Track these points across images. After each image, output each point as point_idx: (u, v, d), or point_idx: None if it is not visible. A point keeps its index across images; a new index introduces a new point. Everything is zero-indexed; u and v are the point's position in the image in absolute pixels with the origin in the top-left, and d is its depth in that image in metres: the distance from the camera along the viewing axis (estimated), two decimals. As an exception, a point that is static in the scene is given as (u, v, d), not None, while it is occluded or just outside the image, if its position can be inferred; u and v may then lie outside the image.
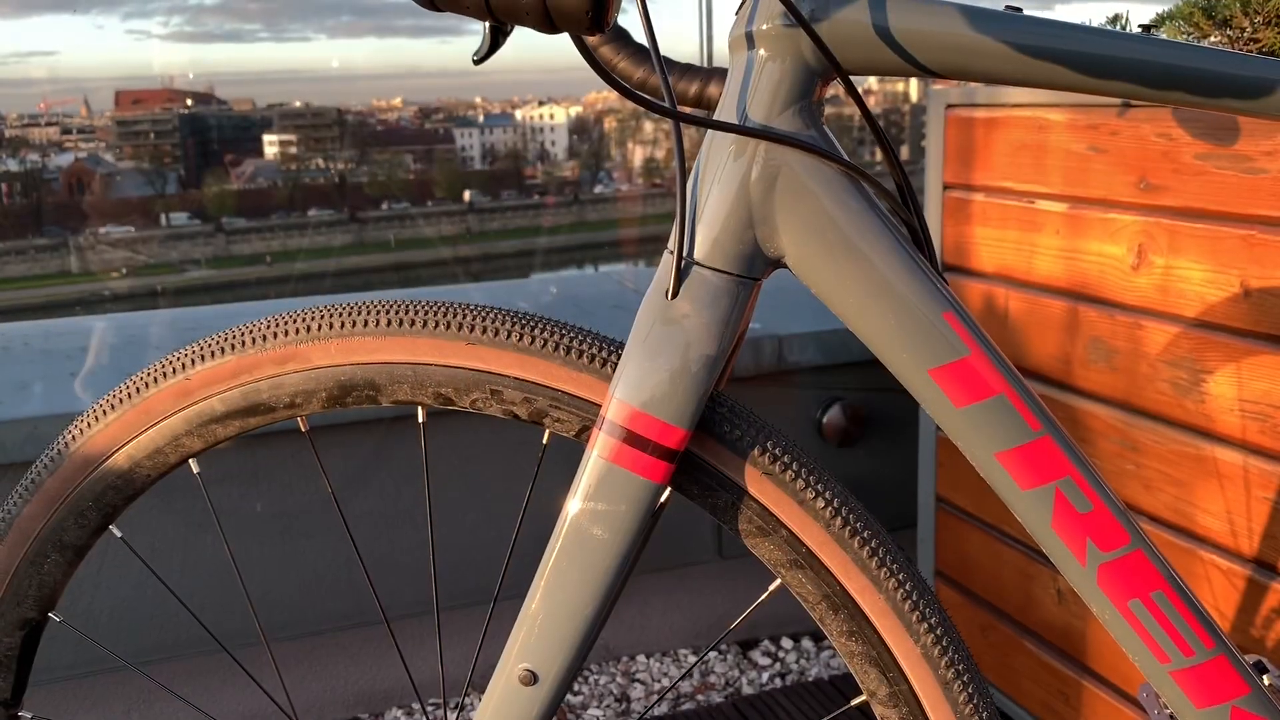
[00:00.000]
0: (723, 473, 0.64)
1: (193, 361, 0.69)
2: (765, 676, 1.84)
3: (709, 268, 0.61)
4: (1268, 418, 1.11)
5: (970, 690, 0.65)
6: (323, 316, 0.68)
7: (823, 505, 0.64)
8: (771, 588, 0.67)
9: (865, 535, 0.64)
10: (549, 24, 0.42)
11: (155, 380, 0.70)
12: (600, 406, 0.64)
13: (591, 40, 0.84)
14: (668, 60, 0.84)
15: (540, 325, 0.66)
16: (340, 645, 1.70)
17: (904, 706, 0.65)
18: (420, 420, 0.71)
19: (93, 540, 0.75)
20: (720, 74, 0.84)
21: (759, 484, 0.64)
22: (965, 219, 1.51)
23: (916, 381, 0.62)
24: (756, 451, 0.64)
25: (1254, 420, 1.13)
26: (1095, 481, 0.62)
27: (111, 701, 1.60)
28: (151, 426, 0.71)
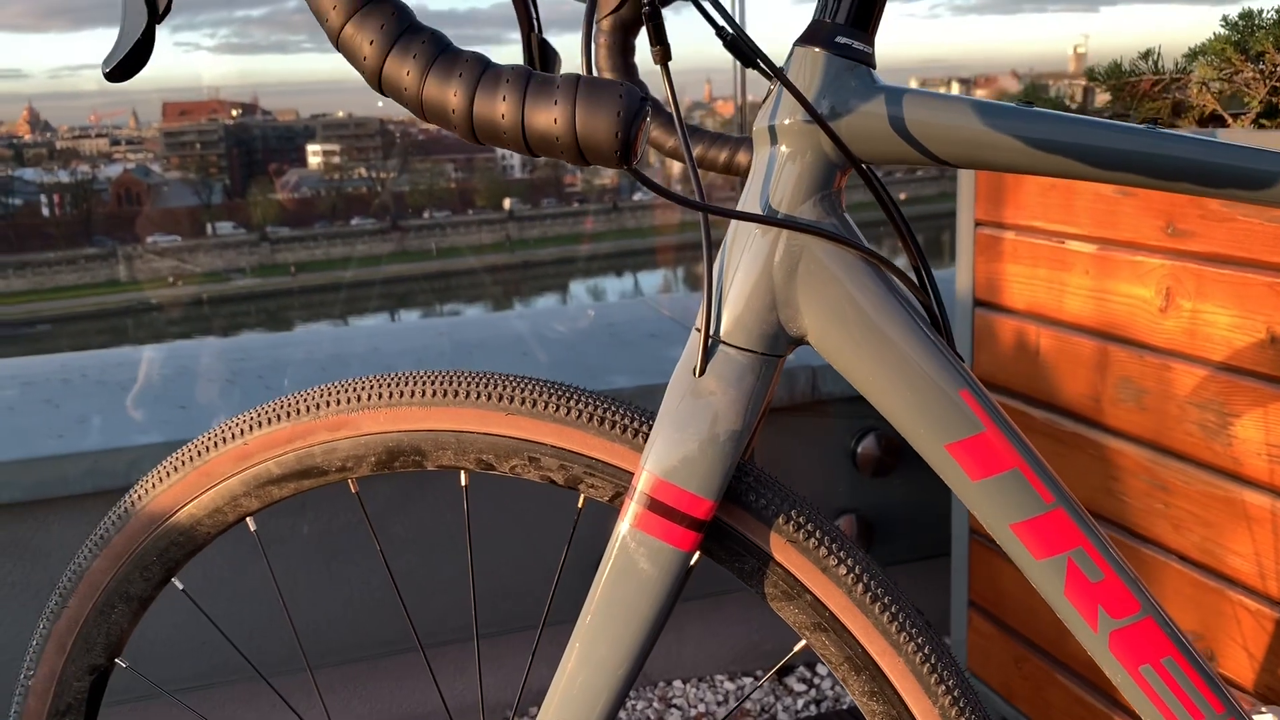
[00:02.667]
0: (749, 539, 0.68)
1: (251, 427, 0.74)
2: (800, 703, 1.86)
3: (734, 346, 0.65)
4: (1295, 463, 1.13)
5: (987, 750, 0.67)
6: (372, 387, 0.72)
7: (845, 572, 0.67)
8: (796, 648, 0.70)
9: (885, 601, 0.67)
10: (582, 160, 0.45)
11: (215, 445, 0.75)
12: (632, 474, 0.67)
13: None
14: (698, 130, 0.88)
15: (575, 396, 0.70)
16: (385, 670, 1.75)
17: (923, 764, 0.68)
18: (463, 484, 0.75)
19: (156, 592, 0.80)
20: (747, 142, 0.88)
21: (784, 551, 0.67)
22: (997, 256, 1.53)
23: (934, 455, 0.65)
24: (781, 520, 0.67)
25: (1281, 465, 1.14)
26: (1106, 551, 0.65)
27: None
28: (211, 488, 0.75)
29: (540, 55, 0.75)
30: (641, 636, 0.67)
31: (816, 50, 0.62)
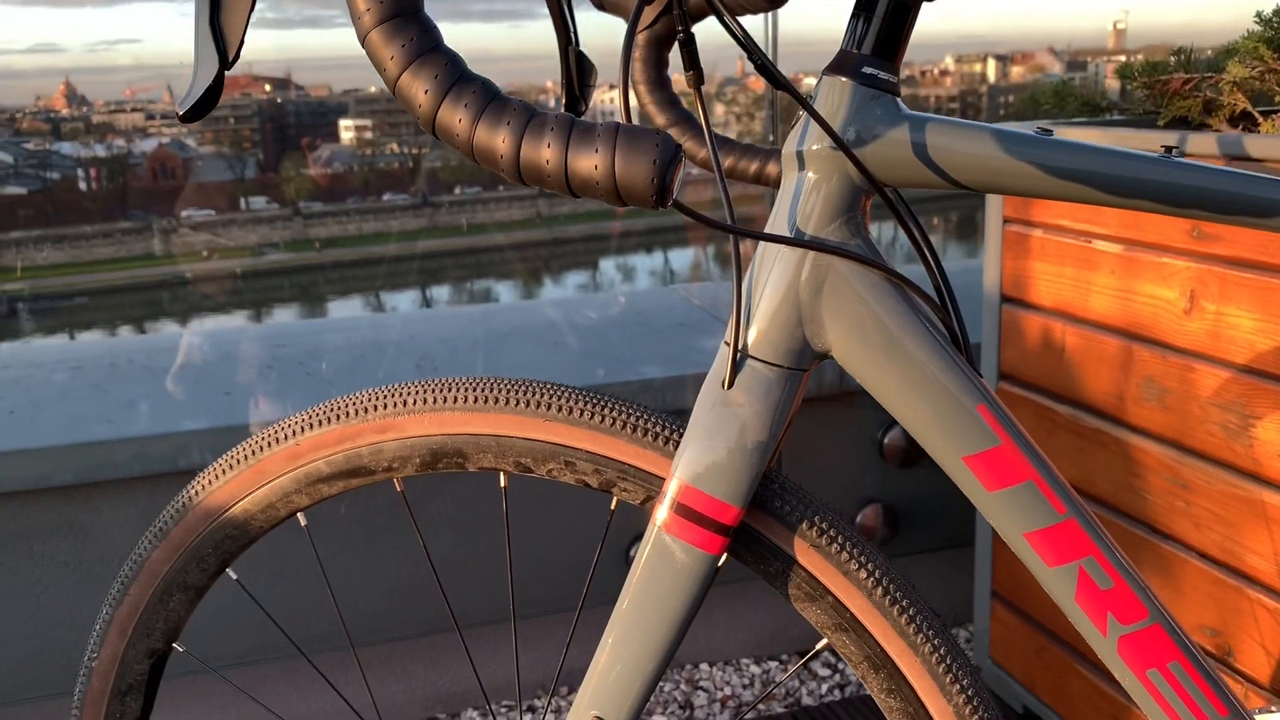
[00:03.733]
0: (774, 543, 0.71)
1: (302, 429, 0.78)
2: (825, 688, 1.90)
3: (761, 360, 0.68)
4: (1314, 465, 1.15)
5: (999, 746, 0.71)
6: (418, 392, 0.76)
7: (865, 575, 0.70)
8: (818, 647, 0.74)
9: (904, 604, 0.70)
10: (620, 201, 0.49)
11: (269, 444, 0.79)
12: (663, 480, 0.71)
13: (672, 132, 0.91)
14: (730, 142, 0.91)
15: (610, 405, 0.73)
16: (420, 649, 1.80)
17: (938, 758, 0.71)
18: (502, 485, 0.78)
19: (211, 581, 0.85)
20: (776, 154, 0.90)
21: (807, 554, 0.71)
22: (1025, 253, 1.55)
23: (952, 466, 0.68)
24: (805, 525, 0.70)
25: (1301, 467, 1.16)
26: (1116, 560, 0.67)
27: (209, 698, 1.72)
28: (265, 485, 0.80)
29: (578, 68, 0.78)
30: (671, 632, 0.70)
31: (844, 80, 0.65)
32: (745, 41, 0.63)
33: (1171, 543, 1.35)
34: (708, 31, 0.81)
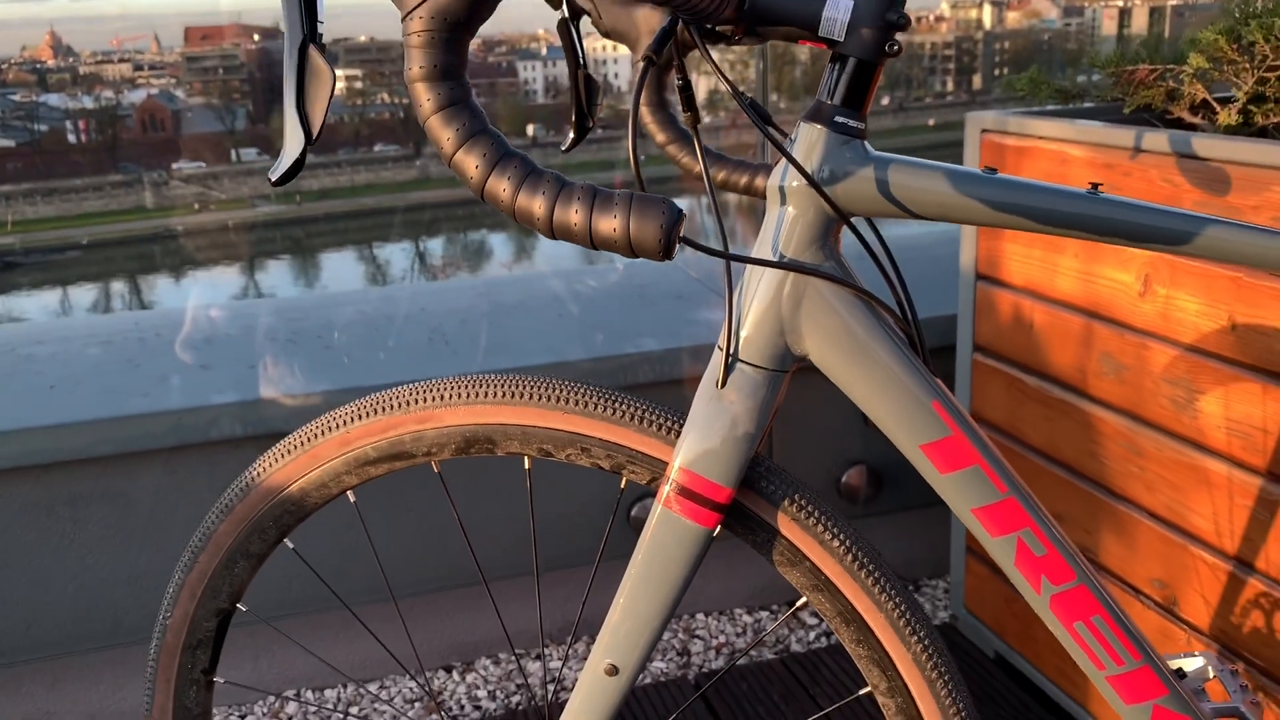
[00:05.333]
0: (761, 518, 0.83)
1: (353, 419, 0.89)
2: (813, 635, 2.04)
3: (749, 364, 0.80)
4: (1249, 436, 1.27)
5: (950, 687, 0.83)
6: (454, 388, 0.87)
7: (837, 544, 0.82)
8: (797, 604, 0.87)
9: (870, 568, 0.83)
10: (633, 254, 0.60)
11: (323, 432, 0.91)
12: (666, 464, 0.83)
13: (671, 151, 1.02)
14: (722, 158, 1.02)
15: (620, 400, 0.85)
16: (434, 604, 1.94)
17: (899, 697, 0.84)
18: (526, 467, 0.90)
19: (270, 550, 0.97)
20: (765, 168, 1.02)
21: (789, 527, 0.83)
22: (997, 234, 1.66)
23: (911, 452, 0.80)
24: (787, 502, 0.83)
25: (1238, 438, 1.29)
26: (1049, 531, 0.80)
27: (241, 650, 1.86)
28: (319, 467, 0.92)
29: (586, 89, 0.89)
30: (673, 593, 0.83)
31: (819, 127, 0.76)
32: (729, 84, 0.74)
33: (1126, 504, 1.48)
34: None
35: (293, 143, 0.61)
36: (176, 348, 1.92)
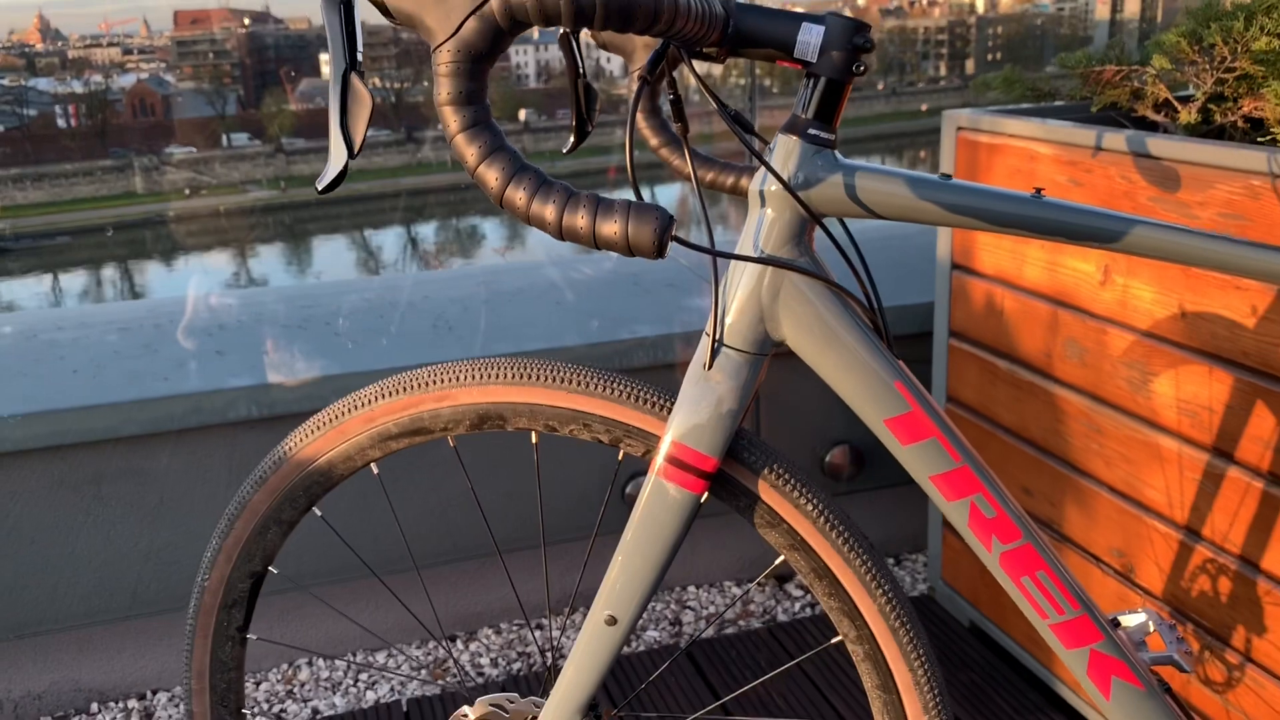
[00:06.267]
0: (743, 485, 0.93)
1: (377, 398, 0.99)
2: (798, 606, 2.15)
3: (733, 348, 0.90)
4: (1197, 415, 1.38)
5: (911, 634, 0.94)
6: (468, 370, 0.97)
7: (811, 508, 0.93)
8: (776, 562, 0.97)
9: (840, 528, 0.93)
10: (631, 253, 0.69)
11: (349, 410, 1.00)
12: (659, 437, 0.93)
13: (664, 154, 1.11)
14: (710, 160, 1.12)
15: (618, 380, 0.95)
16: (437, 578, 2.04)
17: (866, 644, 0.95)
18: (533, 441, 1.00)
19: (300, 517, 1.07)
20: (749, 170, 1.11)
21: (768, 493, 0.93)
22: (970, 226, 1.76)
23: (876, 426, 0.90)
24: (766, 470, 0.93)
25: (1187, 416, 1.39)
26: (999, 495, 0.90)
27: (270, 611, 1.96)
28: (345, 441, 1.01)
29: (585, 97, 0.98)
30: (665, 552, 0.93)
31: (794, 138, 0.85)
32: (713, 96, 0.84)
33: (1088, 479, 1.59)
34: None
35: (337, 156, 0.71)
36: (190, 334, 2.01)
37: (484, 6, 0.66)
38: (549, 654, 1.99)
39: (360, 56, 0.73)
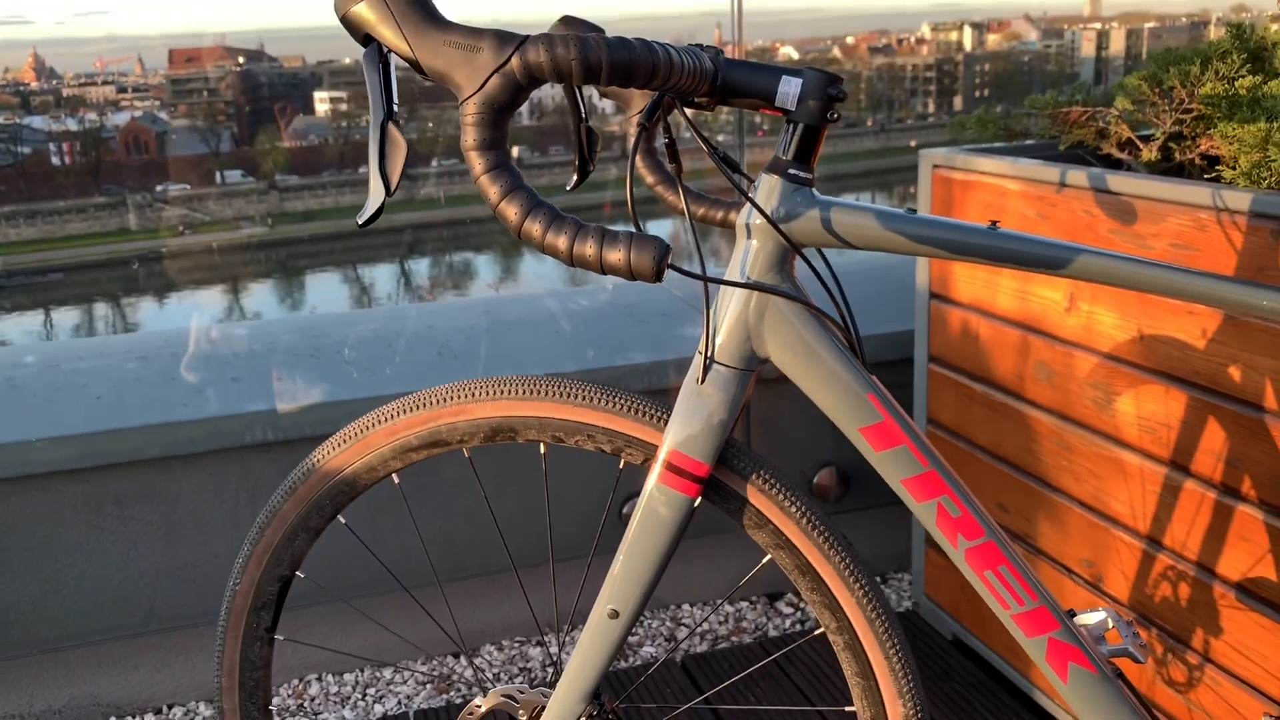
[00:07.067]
0: (733, 489, 1.03)
1: (400, 413, 1.09)
2: (788, 623, 2.24)
3: (723, 364, 1.00)
4: (1156, 431, 1.48)
5: (887, 624, 1.03)
6: (483, 387, 1.07)
7: (794, 510, 1.02)
8: (764, 560, 1.06)
9: (821, 528, 1.02)
10: (633, 278, 0.79)
11: (374, 425, 1.10)
12: (657, 446, 1.03)
13: (660, 191, 1.22)
14: (702, 196, 1.22)
15: (620, 395, 1.05)
16: (437, 596, 2.12)
17: (846, 634, 1.04)
18: (542, 452, 1.10)
19: (326, 524, 1.16)
20: (736, 205, 1.22)
21: (755, 496, 1.03)
22: (947, 258, 1.87)
23: (852, 434, 1.00)
24: (754, 476, 1.03)
25: (1147, 433, 1.50)
26: (964, 497, 1.00)
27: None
28: (370, 453, 1.11)
29: (587, 140, 1.09)
30: (664, 552, 1.03)
31: (776, 177, 0.96)
32: (704, 140, 0.94)
33: (1059, 494, 1.69)
34: (687, 5, 1.12)
35: (375, 194, 0.81)
36: (207, 363, 2.11)
37: (506, 66, 0.76)
38: (556, 647, 2.07)
39: (396, 106, 0.83)
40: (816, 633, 1.07)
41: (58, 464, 1.82)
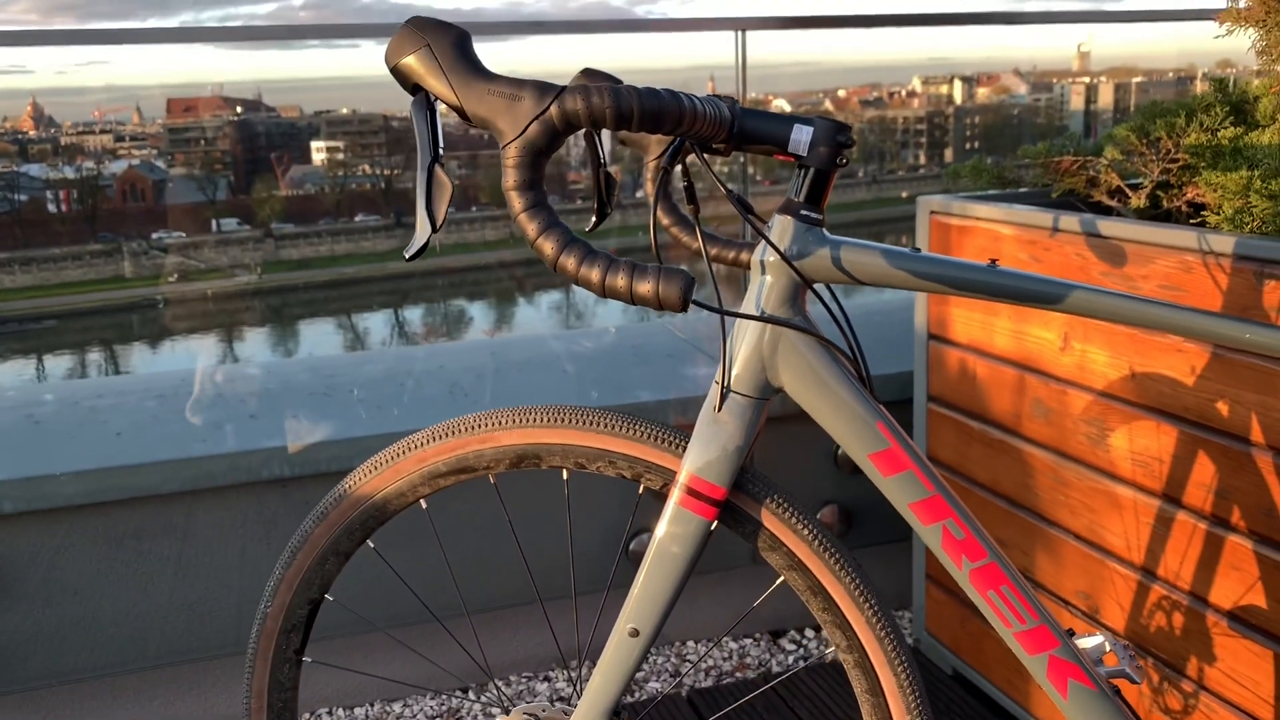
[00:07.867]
0: (748, 513, 1.08)
1: (428, 441, 1.14)
2: (791, 659, 2.27)
3: (738, 393, 1.05)
4: (1149, 465, 1.54)
5: (895, 642, 1.08)
6: (508, 416, 1.12)
7: (807, 533, 1.08)
8: (777, 582, 1.11)
9: (833, 550, 1.08)
10: (660, 308, 0.85)
11: (404, 452, 1.15)
12: (675, 472, 1.08)
13: (674, 232, 1.28)
14: (716, 237, 1.29)
15: (640, 423, 1.10)
16: (452, 629, 2.16)
17: (856, 653, 1.09)
18: (565, 477, 1.15)
19: (355, 549, 1.21)
20: (749, 246, 1.28)
21: (769, 520, 1.08)
22: (944, 300, 1.94)
23: (861, 460, 1.05)
24: (768, 500, 1.08)
25: (1140, 467, 1.55)
26: (967, 520, 1.05)
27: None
28: (400, 479, 1.16)
29: (605, 183, 1.15)
30: (682, 571, 1.08)
31: (789, 217, 1.03)
32: (721, 183, 1.01)
33: (1055, 528, 1.74)
34: (685, 57, 1.19)
35: (421, 230, 0.87)
36: (222, 401, 2.16)
37: (545, 113, 0.83)
38: (577, 668, 2.10)
39: (442, 150, 0.90)
40: (828, 652, 1.11)
41: (79, 498, 1.86)
